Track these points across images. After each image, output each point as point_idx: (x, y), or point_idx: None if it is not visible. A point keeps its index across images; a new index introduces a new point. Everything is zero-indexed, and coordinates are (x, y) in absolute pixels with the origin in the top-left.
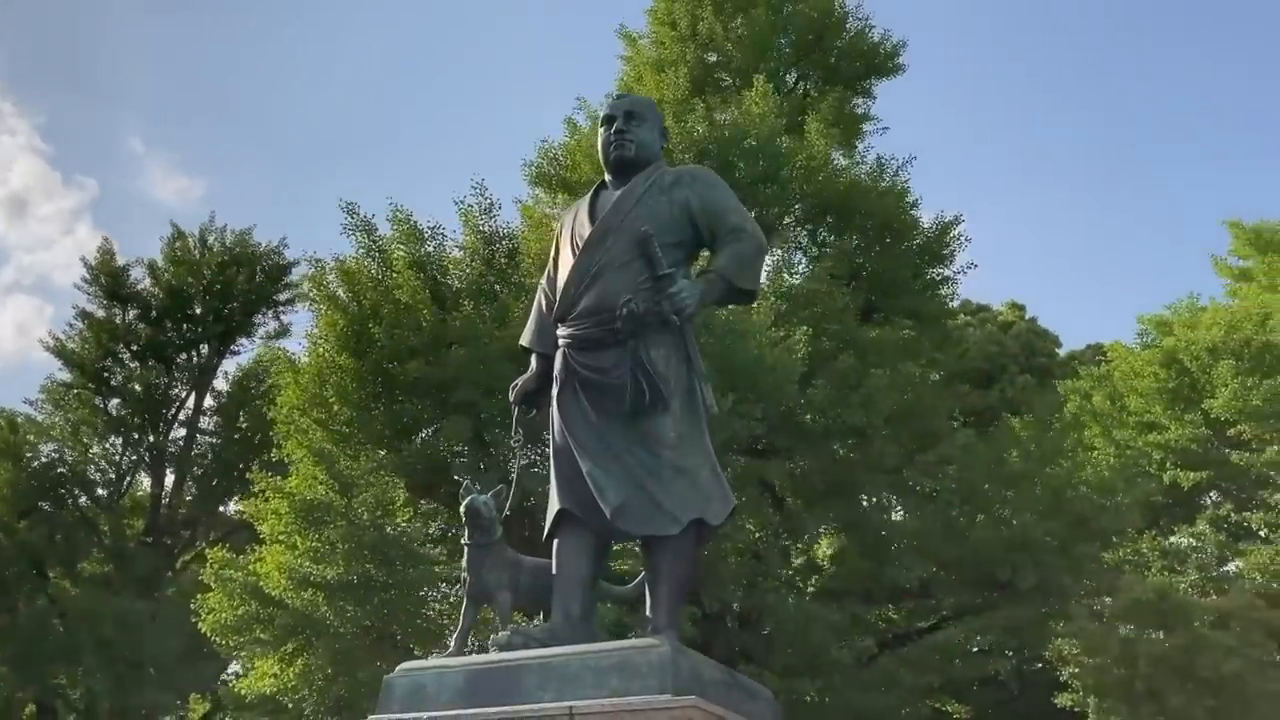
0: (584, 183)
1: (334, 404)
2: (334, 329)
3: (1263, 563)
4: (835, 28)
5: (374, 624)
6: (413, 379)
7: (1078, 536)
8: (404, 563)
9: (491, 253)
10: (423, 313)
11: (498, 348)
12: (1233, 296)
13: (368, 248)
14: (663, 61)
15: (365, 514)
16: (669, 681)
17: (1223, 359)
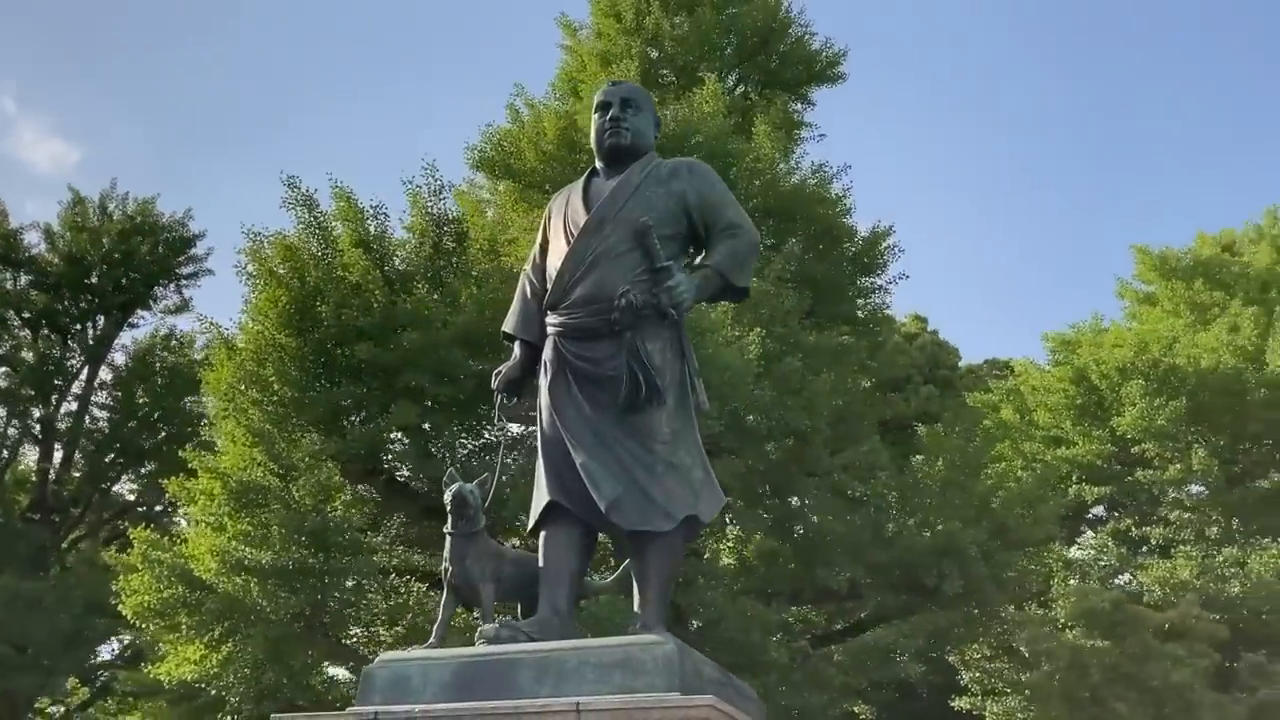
0: (527, 170)
1: (274, 384)
2: (275, 306)
3: (1161, 576)
4: (780, 32)
5: (306, 612)
6: (359, 361)
7: (1000, 545)
8: (341, 550)
9: (440, 236)
10: (374, 294)
11: (449, 333)
12: (1132, 319)
13: (308, 223)
14: (609, 54)
15: (308, 499)
16: (676, 680)
17: (1132, 379)
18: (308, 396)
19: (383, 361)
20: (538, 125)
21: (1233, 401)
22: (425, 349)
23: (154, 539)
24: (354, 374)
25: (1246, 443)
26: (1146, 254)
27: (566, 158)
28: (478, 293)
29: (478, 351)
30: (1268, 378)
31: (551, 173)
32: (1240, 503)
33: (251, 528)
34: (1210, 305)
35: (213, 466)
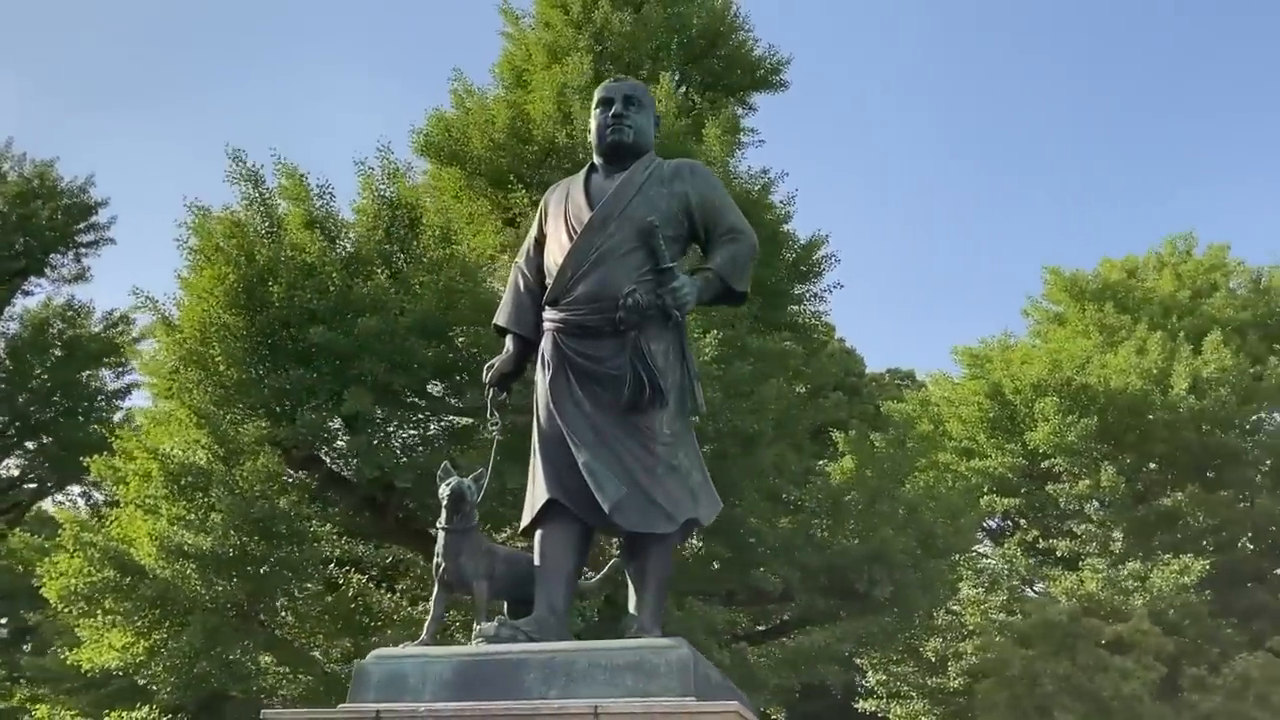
0: (474, 158)
1: (220, 364)
2: (222, 284)
3: (1069, 587)
4: (726, 35)
5: (243, 602)
6: (310, 345)
7: (928, 552)
8: (284, 539)
9: (392, 220)
10: (330, 276)
11: (407, 320)
12: (1036, 336)
13: (252, 199)
14: (556, 45)
15: (256, 485)
16: (691, 684)
17: (1046, 396)
18: (255, 379)
19: (337, 346)
20: (486, 114)
21: (1139, 422)
22: (382, 335)
23: (82, 520)
24: (304, 358)
25: (1150, 462)
26: (1058, 275)
27: (516, 148)
28: (433, 280)
29: (433, 340)
30: (1171, 401)
31: (501, 162)
32: (1143, 520)
33: (188, 512)
34: (1118, 328)
35: (151, 447)
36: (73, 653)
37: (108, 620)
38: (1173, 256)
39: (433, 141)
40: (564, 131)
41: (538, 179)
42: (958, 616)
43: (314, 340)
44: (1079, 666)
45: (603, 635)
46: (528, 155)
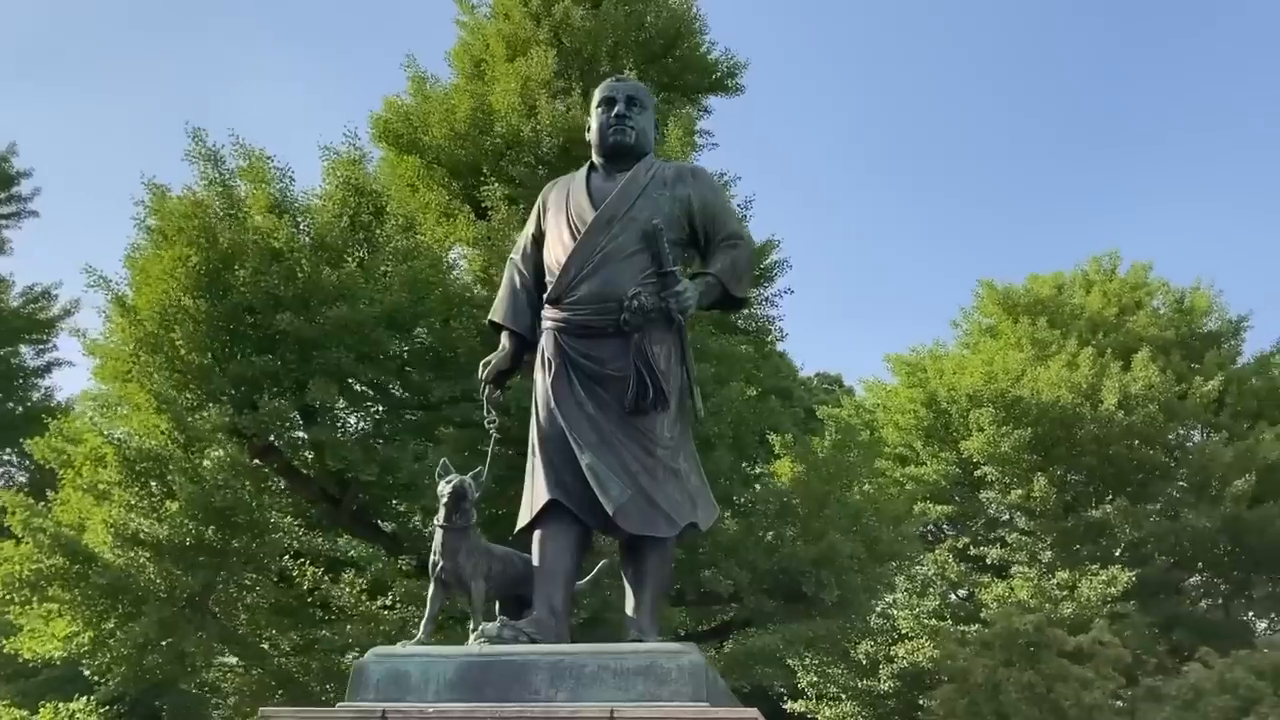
0: (433, 147)
1: (182, 349)
2: (184, 265)
3: (999, 594)
4: (685, 37)
5: (198, 592)
6: (275, 332)
7: (872, 557)
8: (244, 530)
9: (358, 207)
10: (300, 262)
11: (376, 310)
12: (965, 347)
13: (211, 179)
14: (516, 38)
15: (220, 474)
16: (703, 690)
17: (982, 406)
18: (216, 365)
19: (303, 335)
20: (446, 102)
21: (1068, 435)
22: (350, 325)
23: (29, 504)
24: (267, 345)
25: (1079, 474)
26: (992, 289)
27: (478, 139)
28: (403, 270)
29: (400, 332)
30: (1100, 415)
31: (459, 153)
32: (1072, 530)
33: (141, 498)
34: (1049, 342)
35: (106, 431)
36: (10, 641)
37: (52, 609)
38: (1098, 274)
39: (391, 129)
40: (528, 125)
41: (499, 171)
42: (890, 620)
43: (280, 327)
44: (1041, 675)
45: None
46: (486, 146)
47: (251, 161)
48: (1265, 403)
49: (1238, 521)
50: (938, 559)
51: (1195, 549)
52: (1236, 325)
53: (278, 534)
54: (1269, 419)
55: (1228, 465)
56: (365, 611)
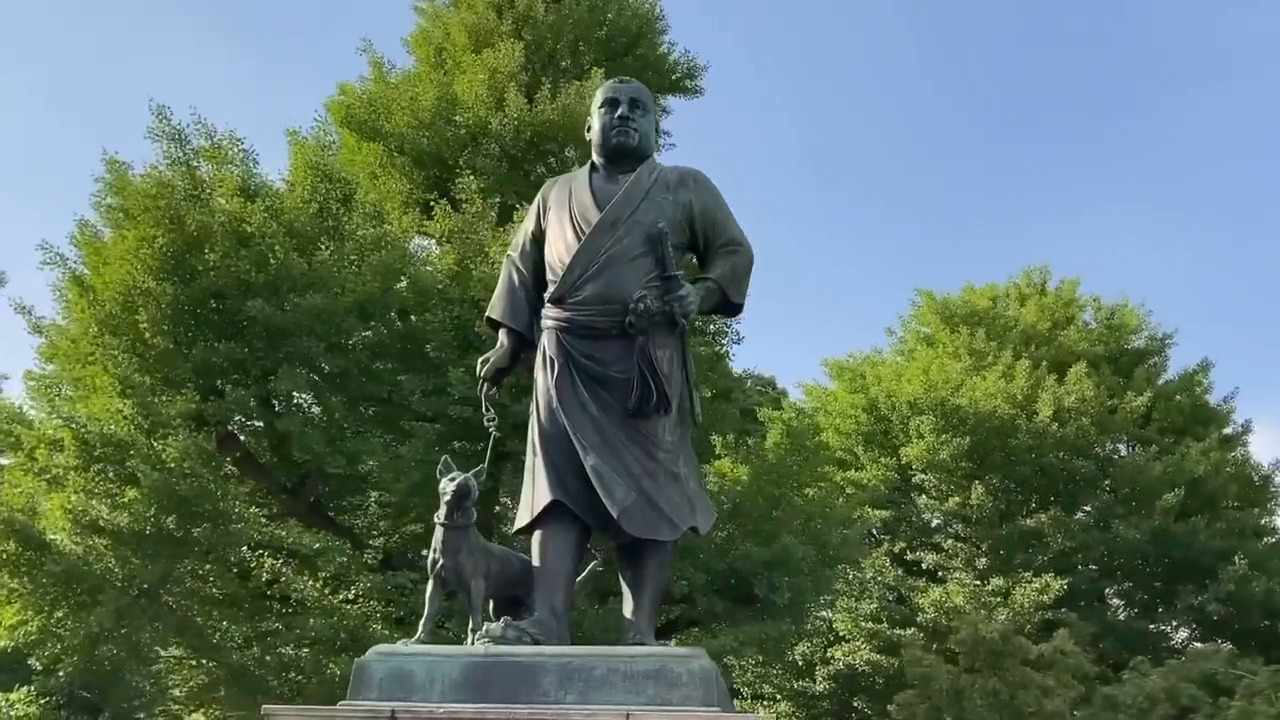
0: (395, 134)
1: (146, 333)
2: (149, 246)
3: (936, 599)
4: (646, 36)
5: (155, 582)
6: (243, 319)
7: (822, 560)
8: (206, 519)
9: (327, 194)
10: (272, 248)
11: (348, 300)
12: (899, 355)
13: (175, 159)
14: (480, 29)
15: (186, 461)
16: (714, 695)
17: (923, 414)
18: (179, 350)
19: (274, 322)
20: (410, 90)
21: (1003, 444)
22: (322, 313)
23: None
24: (234, 332)
25: (1014, 483)
26: (931, 299)
27: (443, 129)
28: (374, 260)
29: (371, 323)
30: (1036, 426)
31: (422, 142)
32: (1007, 537)
33: (96, 484)
34: (986, 353)
35: (66, 414)
36: None
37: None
38: (1029, 287)
39: (354, 114)
40: (497, 117)
41: (463, 162)
42: (827, 622)
43: (250, 314)
44: (1005, 682)
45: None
46: (450, 136)
47: (215, 142)
48: (1190, 419)
49: (1165, 534)
50: (875, 563)
51: (1123, 559)
52: (1162, 342)
53: (240, 524)
54: (1194, 435)
55: (1156, 479)
56: (328, 605)
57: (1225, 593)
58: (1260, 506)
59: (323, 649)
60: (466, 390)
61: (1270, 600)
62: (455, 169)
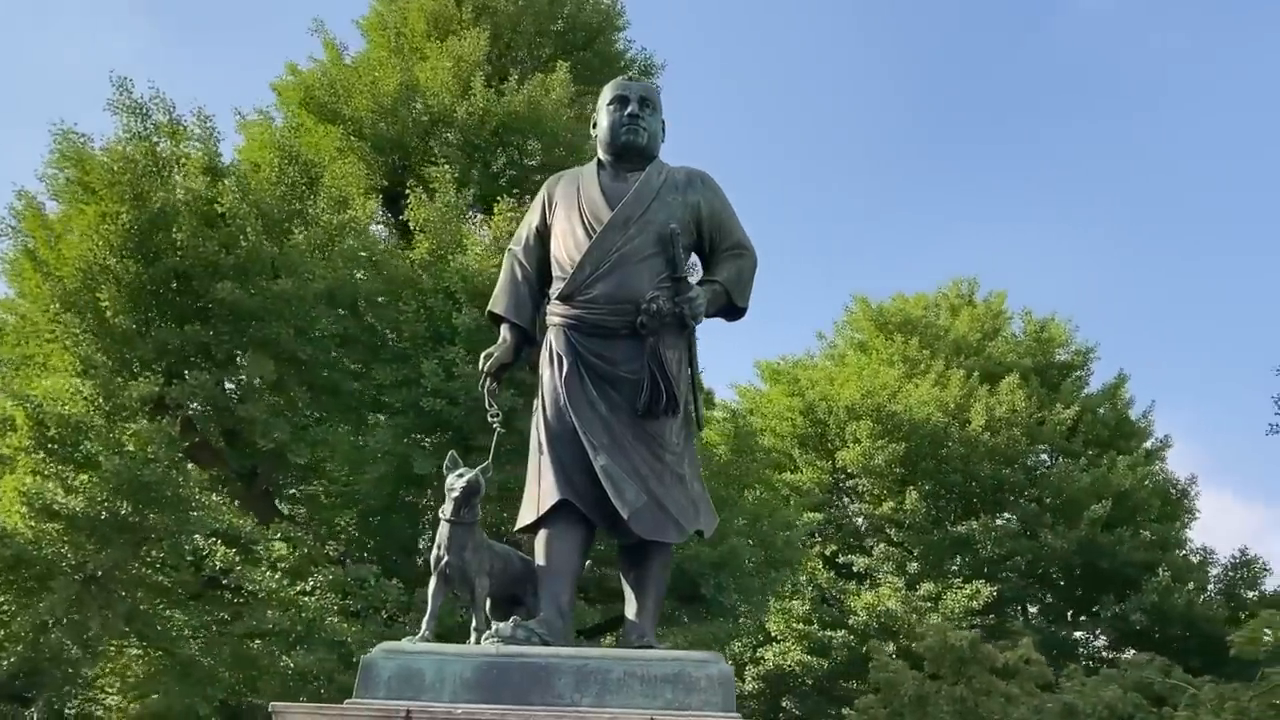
0: (353, 119)
1: (107, 312)
2: (113, 223)
3: (868, 603)
4: (605, 31)
5: (109, 569)
6: (208, 302)
7: (768, 561)
8: (165, 506)
9: (295, 176)
10: (244, 230)
11: (319, 286)
12: (828, 359)
13: (134, 133)
14: (441, 16)
15: (149, 446)
16: (733, 700)
17: (860, 419)
18: (142, 331)
19: (244, 306)
20: (372, 74)
21: (935, 451)
22: (292, 299)
23: None
24: (198, 314)
25: (945, 490)
26: (866, 305)
27: (405, 115)
28: (346, 246)
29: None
30: (968, 435)
31: (381, 127)
32: (938, 544)
33: (50, 466)
34: (919, 361)
35: (20, 392)
36: None
37: None
38: (958, 298)
39: (314, 96)
40: (463, 106)
41: (425, 150)
42: (759, 623)
43: (218, 296)
44: (971, 690)
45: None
46: (411, 122)
47: (173, 118)
48: (1114, 432)
49: (1092, 544)
50: (807, 565)
51: (1049, 568)
52: (1086, 356)
53: (198, 512)
54: (1117, 448)
55: (1083, 490)
56: (284, 597)
57: (1149, 603)
58: (1178, 520)
59: (276, 642)
60: (439, 383)
61: (1190, 611)
62: (418, 156)
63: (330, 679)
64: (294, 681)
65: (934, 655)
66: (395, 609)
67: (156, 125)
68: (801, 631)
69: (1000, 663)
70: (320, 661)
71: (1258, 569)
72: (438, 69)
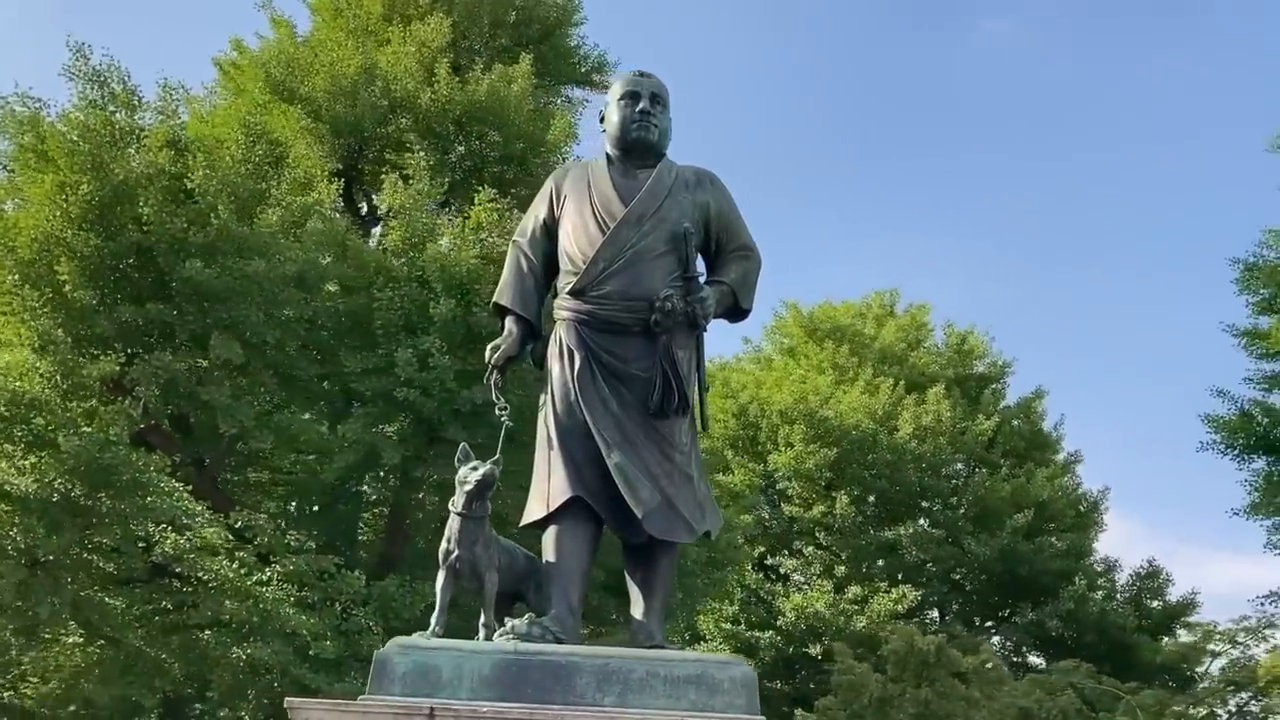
0: (310, 99)
1: (66, 287)
2: (73, 194)
3: (796, 604)
4: (562, 26)
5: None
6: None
7: (710, 562)
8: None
9: (263, 155)
10: (216, 207)
11: (291, 269)
12: (756, 363)
13: (91, 101)
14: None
15: (113, 429)
16: (756, 702)
17: (793, 423)
18: (101, 308)
19: (213, 286)
20: (331, 54)
21: (863, 457)
22: (263, 280)
23: None
24: (161, 293)
25: (873, 495)
26: (797, 311)
27: (366, 99)
28: (319, 230)
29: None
30: (896, 442)
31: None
32: (865, 548)
33: None
34: (848, 368)
35: None
36: None
37: None
38: (881, 309)
39: (273, 77)
40: (427, 92)
41: (382, 135)
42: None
43: (186, 275)
44: (936, 693)
45: None
46: (374, 107)
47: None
48: (1030, 443)
49: (1013, 552)
50: (738, 566)
51: (971, 574)
52: (1003, 369)
53: (152, 498)
54: (1034, 459)
55: (1004, 500)
56: (242, 587)
57: (1065, 610)
58: (1089, 531)
59: (228, 633)
60: (413, 373)
61: (1103, 619)
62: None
63: (285, 672)
64: (245, 674)
65: (898, 659)
66: (349, 601)
67: (114, 94)
68: (730, 632)
69: (964, 667)
70: (276, 654)
71: (1162, 580)
72: (400, 54)
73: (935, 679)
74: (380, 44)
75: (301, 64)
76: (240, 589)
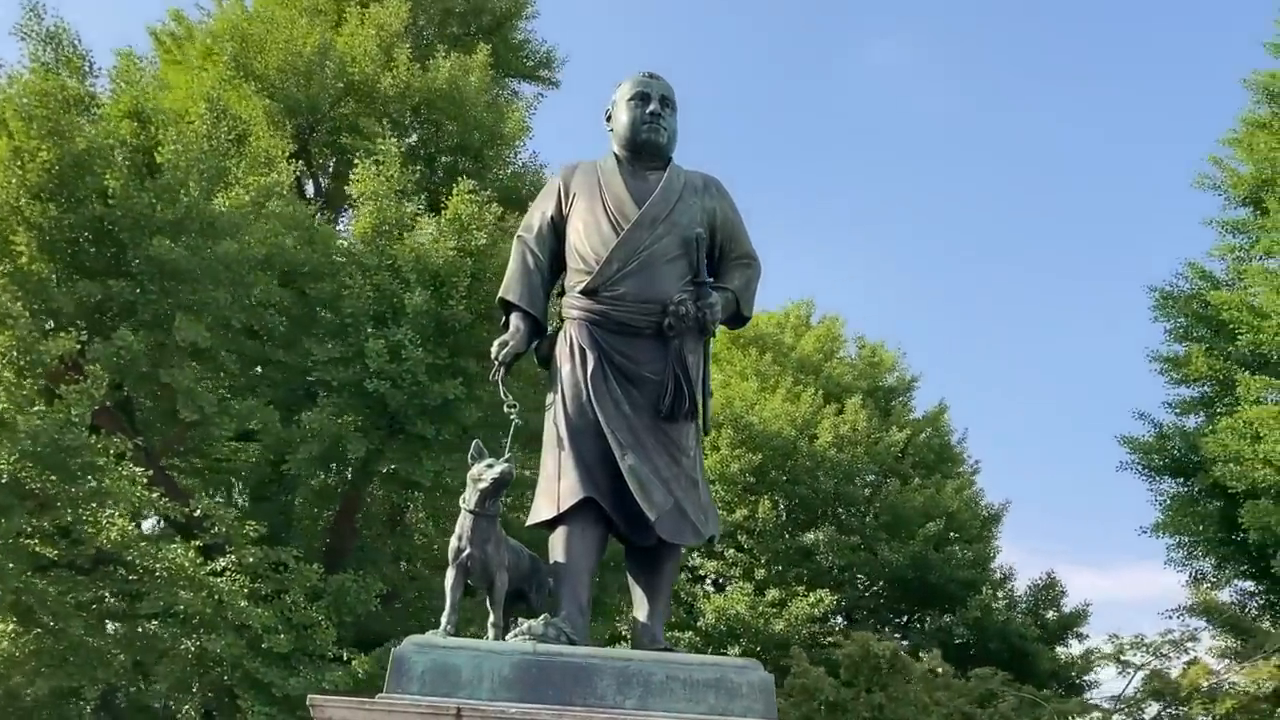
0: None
1: (22, 258)
2: (32, 161)
3: (717, 606)
4: (514, 19)
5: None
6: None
7: None
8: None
9: (220, 131)
10: (186, 183)
11: (260, 252)
12: None
13: (42, 63)
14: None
15: (74, 409)
16: (773, 708)
17: (719, 427)
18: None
19: (180, 266)
20: (287, 32)
21: (783, 464)
22: (232, 262)
23: None
24: (121, 270)
25: (794, 501)
26: None
27: (325, 82)
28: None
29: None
30: (816, 450)
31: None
32: (784, 552)
33: None
34: (770, 376)
35: None
36: None
37: None
38: (797, 319)
39: (240, 61)
40: (387, 77)
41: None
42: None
43: (153, 253)
44: (890, 698)
45: None
46: (327, 92)
47: (79, 52)
48: (939, 456)
49: (924, 560)
50: None
51: (884, 581)
52: (910, 383)
53: (107, 481)
54: (942, 471)
55: (916, 509)
56: (197, 578)
57: (971, 618)
58: (991, 541)
59: (176, 624)
60: (383, 364)
61: (1006, 627)
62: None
63: (236, 665)
64: (192, 666)
65: (852, 663)
66: (301, 595)
67: (66, 59)
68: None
69: (918, 673)
70: (228, 646)
71: (1057, 591)
72: (359, 35)
73: (888, 684)
74: (333, 24)
75: (254, 40)
76: (194, 579)
